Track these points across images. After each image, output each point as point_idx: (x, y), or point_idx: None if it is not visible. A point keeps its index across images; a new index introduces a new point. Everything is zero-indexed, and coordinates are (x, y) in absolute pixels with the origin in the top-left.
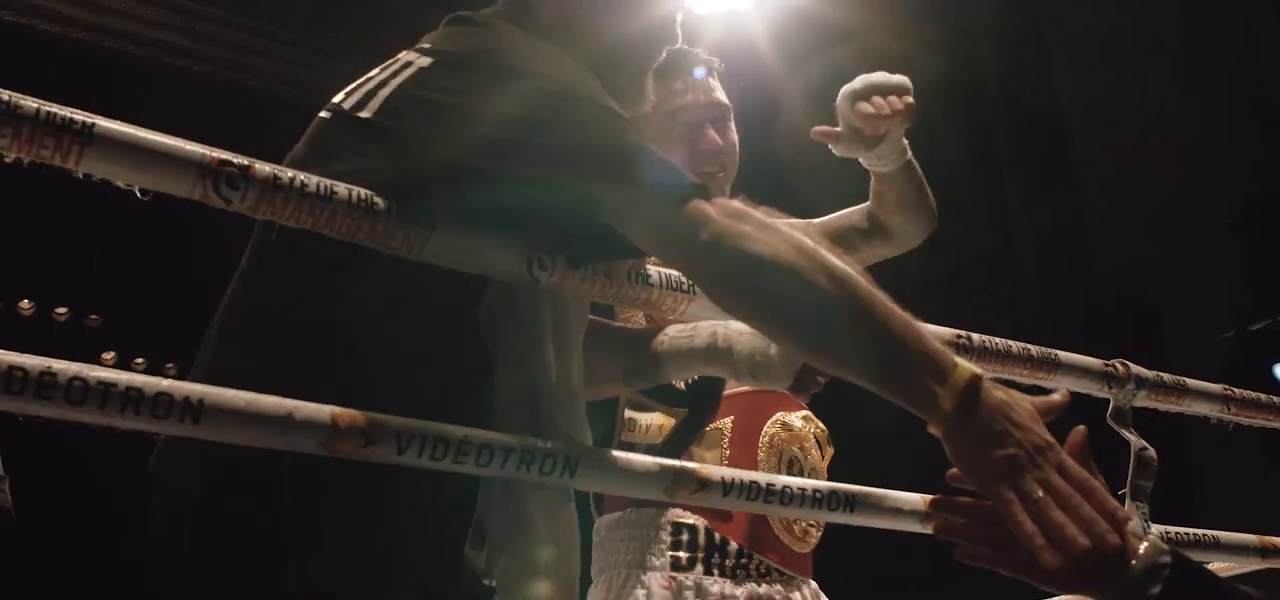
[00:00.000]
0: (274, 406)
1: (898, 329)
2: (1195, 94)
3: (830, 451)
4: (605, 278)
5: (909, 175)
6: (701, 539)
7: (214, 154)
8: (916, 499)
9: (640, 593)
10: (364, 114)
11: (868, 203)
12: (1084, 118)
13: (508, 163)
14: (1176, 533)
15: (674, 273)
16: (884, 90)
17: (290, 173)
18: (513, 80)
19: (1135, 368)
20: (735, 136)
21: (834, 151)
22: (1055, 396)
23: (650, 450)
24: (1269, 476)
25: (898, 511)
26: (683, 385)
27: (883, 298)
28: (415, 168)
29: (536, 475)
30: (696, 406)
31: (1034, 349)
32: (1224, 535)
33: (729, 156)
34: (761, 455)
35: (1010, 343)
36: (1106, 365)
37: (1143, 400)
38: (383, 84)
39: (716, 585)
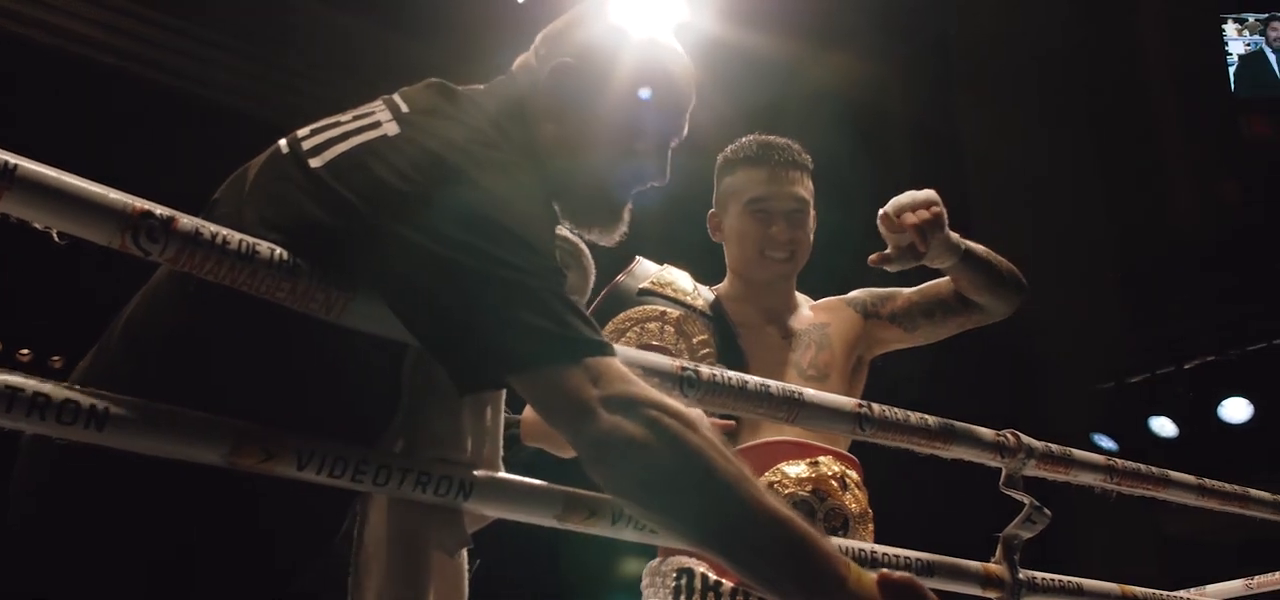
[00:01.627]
0: (179, 416)
1: (789, 535)
2: (1087, 152)
3: (862, 492)
4: None
5: (973, 264)
6: (697, 582)
7: (137, 204)
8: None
9: None
10: (315, 162)
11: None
12: (979, 173)
13: (422, 273)
14: (1043, 579)
15: None
16: (913, 206)
17: (212, 229)
18: (462, 191)
19: (1025, 439)
20: (809, 231)
21: (889, 271)
22: None
23: None
24: (1134, 525)
25: None
26: None
27: (770, 502)
28: (346, 233)
29: (432, 496)
30: None
31: (932, 420)
32: (1088, 583)
33: (798, 248)
34: None
35: (909, 414)
36: (999, 436)
37: (1032, 470)
38: (346, 136)
39: None
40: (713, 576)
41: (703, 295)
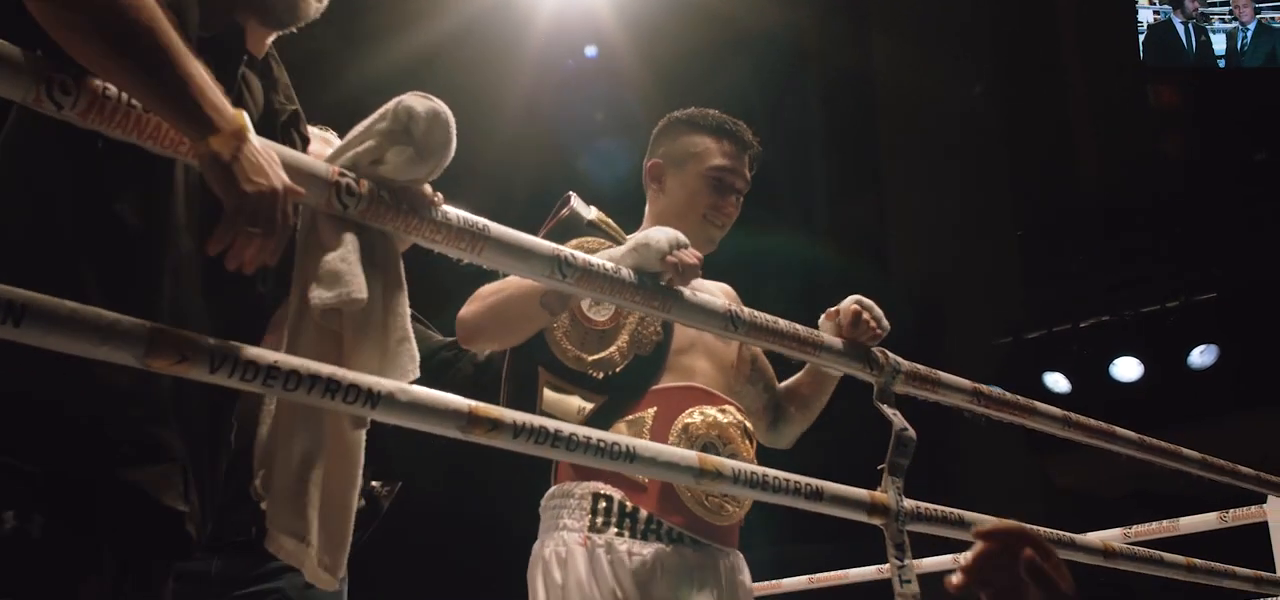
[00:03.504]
0: (95, 317)
1: (192, 71)
2: (997, 108)
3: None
4: (409, 213)
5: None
6: (615, 507)
7: (47, 63)
8: (689, 454)
9: (562, 549)
10: None
11: (792, 383)
12: (889, 120)
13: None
14: (927, 508)
15: (468, 215)
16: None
17: (114, 88)
18: None
19: (892, 356)
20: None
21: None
22: None
23: None
24: (1024, 477)
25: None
26: (601, 375)
27: (181, 43)
28: None
29: (340, 404)
30: (615, 396)
31: (802, 329)
32: (970, 514)
33: (728, 226)
34: (673, 441)
35: (778, 319)
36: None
37: (902, 386)
38: None
39: (625, 544)
40: (630, 504)
41: None
